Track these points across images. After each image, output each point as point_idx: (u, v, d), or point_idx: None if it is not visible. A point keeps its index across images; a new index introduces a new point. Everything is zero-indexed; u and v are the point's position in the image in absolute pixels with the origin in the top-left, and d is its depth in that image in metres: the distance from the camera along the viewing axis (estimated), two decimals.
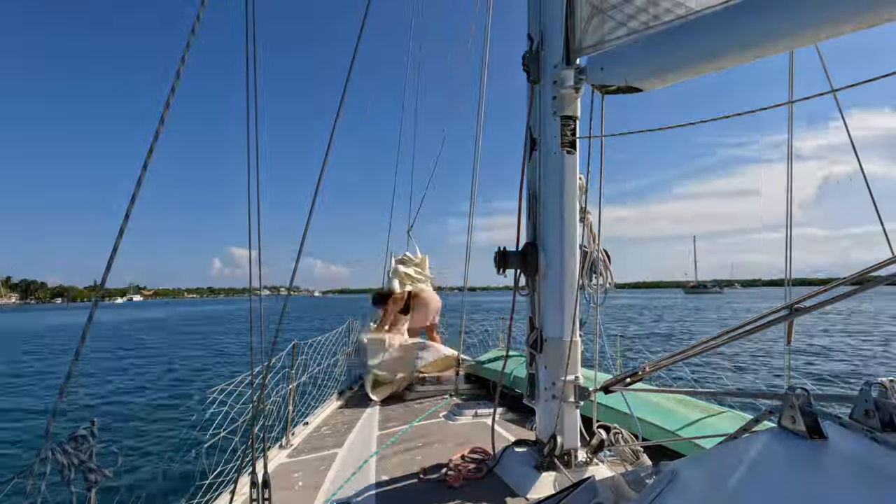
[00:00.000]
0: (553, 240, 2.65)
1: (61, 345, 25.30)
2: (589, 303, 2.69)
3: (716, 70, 2.07)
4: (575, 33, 2.58)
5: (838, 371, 14.98)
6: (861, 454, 1.09)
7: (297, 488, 3.19)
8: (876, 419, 1.13)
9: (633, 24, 2.35)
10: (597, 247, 2.71)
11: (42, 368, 17.06)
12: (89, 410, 10.36)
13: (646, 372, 2.22)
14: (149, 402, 11.01)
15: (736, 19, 1.93)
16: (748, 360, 16.48)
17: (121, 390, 12.72)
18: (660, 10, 2.26)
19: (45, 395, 12.29)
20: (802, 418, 1.19)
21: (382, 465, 3.34)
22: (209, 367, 16.61)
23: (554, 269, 2.64)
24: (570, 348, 2.57)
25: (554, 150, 2.63)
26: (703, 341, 1.99)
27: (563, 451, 2.61)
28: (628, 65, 2.29)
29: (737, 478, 1.07)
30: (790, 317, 1.69)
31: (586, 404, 2.66)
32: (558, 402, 2.59)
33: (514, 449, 2.92)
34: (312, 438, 4.39)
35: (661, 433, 3.12)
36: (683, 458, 1.28)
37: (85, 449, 2.21)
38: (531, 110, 2.74)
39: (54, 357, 20.43)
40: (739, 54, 1.96)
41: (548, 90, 2.65)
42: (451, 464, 3.12)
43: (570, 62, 2.59)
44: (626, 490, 1.14)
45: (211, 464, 3.69)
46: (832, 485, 1.04)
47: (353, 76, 2.51)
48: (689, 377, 6.03)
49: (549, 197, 2.67)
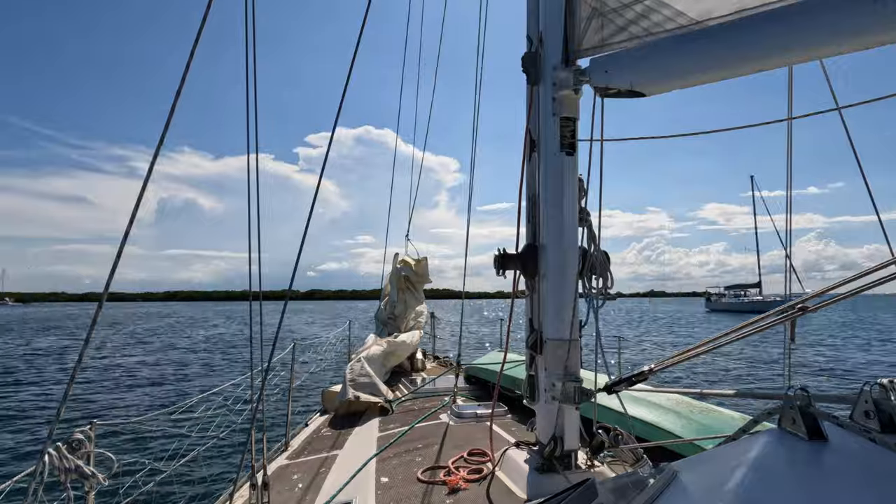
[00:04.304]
0: (552, 241, 2.65)
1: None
2: (588, 304, 2.69)
3: (719, 80, 2.09)
4: (574, 35, 2.58)
5: (838, 371, 14.99)
6: (861, 455, 1.09)
7: (297, 490, 3.19)
8: (875, 420, 1.13)
9: (633, 30, 2.35)
10: (596, 248, 2.71)
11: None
12: (89, 410, 10.35)
13: (651, 372, 2.23)
14: (148, 403, 11.00)
15: (739, 32, 1.93)
16: (748, 360, 16.50)
17: (120, 391, 12.71)
18: (660, 18, 2.26)
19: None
20: (802, 419, 1.19)
21: (382, 466, 3.33)
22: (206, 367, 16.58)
23: (553, 270, 2.64)
24: (569, 349, 2.57)
25: (554, 152, 2.64)
26: (706, 341, 1.99)
27: (563, 453, 2.61)
28: (633, 68, 2.29)
29: (737, 479, 1.07)
30: (792, 316, 1.69)
31: (586, 405, 2.66)
32: (558, 403, 2.59)
33: (514, 450, 2.92)
34: (312, 440, 4.39)
35: (661, 434, 3.12)
36: (683, 459, 1.28)
37: (82, 454, 2.20)
38: (531, 112, 2.74)
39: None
40: (743, 66, 1.97)
41: (547, 91, 2.65)
42: (451, 465, 3.12)
43: (570, 64, 2.60)
44: (626, 491, 1.14)
45: (211, 466, 3.68)
46: (832, 486, 1.04)
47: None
48: (689, 377, 6.03)
49: (548, 198, 2.67)
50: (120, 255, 1.90)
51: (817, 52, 1.82)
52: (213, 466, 3.84)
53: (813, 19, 1.74)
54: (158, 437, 7.26)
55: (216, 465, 3.92)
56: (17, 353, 21.87)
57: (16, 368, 16.96)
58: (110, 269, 1.90)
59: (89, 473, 2.18)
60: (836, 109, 2.18)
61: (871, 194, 2.16)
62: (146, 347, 23.75)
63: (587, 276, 2.69)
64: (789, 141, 2.51)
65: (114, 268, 1.90)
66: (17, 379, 14.91)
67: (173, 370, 16.44)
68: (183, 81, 2.02)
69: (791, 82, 2.34)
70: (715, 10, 2.10)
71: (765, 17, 1.86)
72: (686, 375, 13.15)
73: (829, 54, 1.81)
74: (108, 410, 10.58)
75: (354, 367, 5.54)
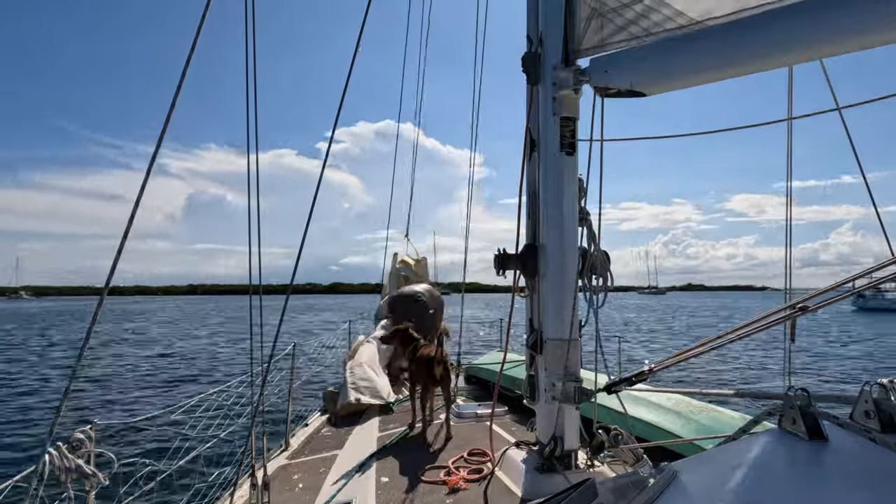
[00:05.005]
0: (552, 241, 2.65)
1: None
2: (588, 304, 2.69)
3: (719, 79, 2.09)
4: (574, 35, 2.58)
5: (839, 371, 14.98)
6: (861, 455, 1.09)
7: (297, 490, 3.19)
8: (875, 420, 1.13)
9: (633, 30, 2.35)
10: (596, 248, 2.71)
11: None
12: (88, 411, 10.35)
13: (652, 372, 2.22)
14: (147, 403, 11.00)
15: (739, 32, 1.93)
16: (748, 361, 16.49)
17: (119, 390, 12.71)
18: (660, 18, 2.26)
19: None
20: (802, 419, 1.19)
21: (382, 466, 3.33)
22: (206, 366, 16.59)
23: (553, 270, 2.64)
24: (569, 349, 2.57)
25: (553, 152, 2.63)
26: (705, 341, 1.99)
27: (563, 453, 2.61)
28: (634, 68, 2.29)
29: (737, 479, 1.07)
30: (793, 316, 1.69)
31: (586, 405, 2.66)
32: (558, 403, 2.59)
33: (514, 450, 2.91)
34: (312, 440, 4.39)
35: (661, 434, 3.12)
36: (684, 459, 1.28)
37: (82, 453, 2.21)
38: (531, 111, 2.74)
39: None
40: (743, 66, 1.97)
41: (547, 91, 2.65)
42: (452, 465, 3.12)
43: (570, 64, 2.59)
44: (626, 491, 1.13)
45: (211, 466, 3.68)
46: (832, 486, 1.04)
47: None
48: (689, 377, 6.03)
49: (548, 198, 2.67)
50: (121, 251, 1.89)
51: (817, 52, 1.82)
52: (213, 466, 3.83)
53: (813, 19, 1.73)
54: (159, 437, 7.27)
55: (216, 464, 3.91)
56: (17, 348, 21.90)
57: (16, 366, 16.98)
58: (111, 266, 1.90)
59: (90, 473, 2.18)
60: (837, 109, 2.18)
61: (870, 193, 2.16)
62: (146, 346, 23.76)
63: (587, 276, 2.69)
64: (789, 141, 2.51)
65: (114, 264, 1.90)
66: (17, 379, 14.93)
67: (173, 369, 16.45)
68: (183, 77, 2.01)
69: (791, 82, 2.34)
70: (715, 9, 2.10)
71: (765, 17, 1.86)
72: (686, 375, 13.16)
73: (830, 54, 1.81)
74: (108, 410, 10.59)
75: (356, 370, 5.54)
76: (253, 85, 2.61)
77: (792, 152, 2.52)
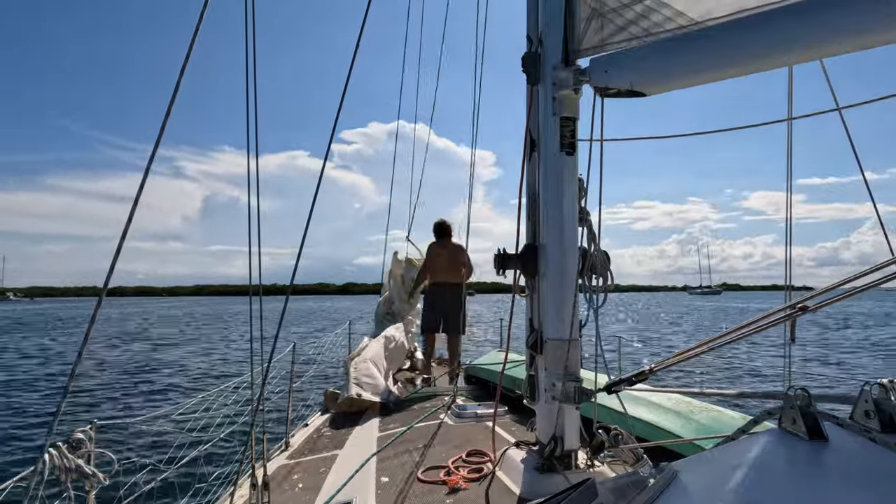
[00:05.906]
0: (552, 241, 2.65)
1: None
2: (588, 304, 2.70)
3: (719, 80, 2.09)
4: (574, 35, 2.58)
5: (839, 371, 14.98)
6: (861, 455, 1.09)
7: (298, 490, 3.19)
8: (876, 420, 1.13)
9: (633, 30, 2.35)
10: (596, 248, 2.71)
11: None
12: (88, 411, 10.35)
13: (651, 371, 2.23)
14: (147, 403, 11.01)
15: (739, 32, 1.93)
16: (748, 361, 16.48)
17: (118, 390, 12.71)
18: (660, 18, 2.26)
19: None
20: (802, 419, 1.19)
21: (382, 466, 3.34)
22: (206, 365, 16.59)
23: (553, 270, 2.64)
24: (569, 349, 2.57)
25: (553, 152, 2.64)
26: (706, 341, 1.99)
27: (563, 453, 2.61)
28: (634, 68, 2.29)
29: (737, 479, 1.07)
30: (793, 316, 1.69)
31: (586, 405, 2.66)
32: (558, 403, 2.59)
33: (514, 450, 2.91)
34: (312, 440, 4.39)
35: (661, 434, 3.12)
36: (683, 459, 1.28)
37: (82, 453, 2.21)
38: (530, 111, 2.74)
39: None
40: (743, 66, 1.97)
41: (547, 91, 2.65)
42: (451, 465, 3.12)
43: (570, 64, 2.60)
44: (626, 491, 1.13)
45: (211, 466, 3.68)
46: (832, 486, 1.04)
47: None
48: (689, 377, 6.03)
49: (548, 198, 2.67)
50: (119, 250, 1.89)
51: (817, 52, 1.82)
52: (213, 466, 3.84)
53: (813, 19, 1.73)
54: (159, 437, 7.27)
55: (217, 464, 3.92)
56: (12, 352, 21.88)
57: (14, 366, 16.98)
58: (110, 265, 1.90)
59: (90, 473, 2.18)
60: (837, 110, 2.18)
61: (870, 192, 2.16)
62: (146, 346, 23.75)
63: (587, 276, 2.69)
64: (789, 141, 2.51)
65: (113, 263, 1.90)
66: (16, 378, 14.93)
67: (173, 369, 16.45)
68: (181, 77, 2.01)
69: (791, 82, 2.34)
70: (715, 10, 2.10)
71: (765, 17, 1.86)
72: (686, 375, 13.16)
73: (830, 54, 1.81)
74: (108, 410, 10.60)
75: (360, 366, 5.54)
76: (253, 85, 2.61)
77: (792, 152, 2.53)
